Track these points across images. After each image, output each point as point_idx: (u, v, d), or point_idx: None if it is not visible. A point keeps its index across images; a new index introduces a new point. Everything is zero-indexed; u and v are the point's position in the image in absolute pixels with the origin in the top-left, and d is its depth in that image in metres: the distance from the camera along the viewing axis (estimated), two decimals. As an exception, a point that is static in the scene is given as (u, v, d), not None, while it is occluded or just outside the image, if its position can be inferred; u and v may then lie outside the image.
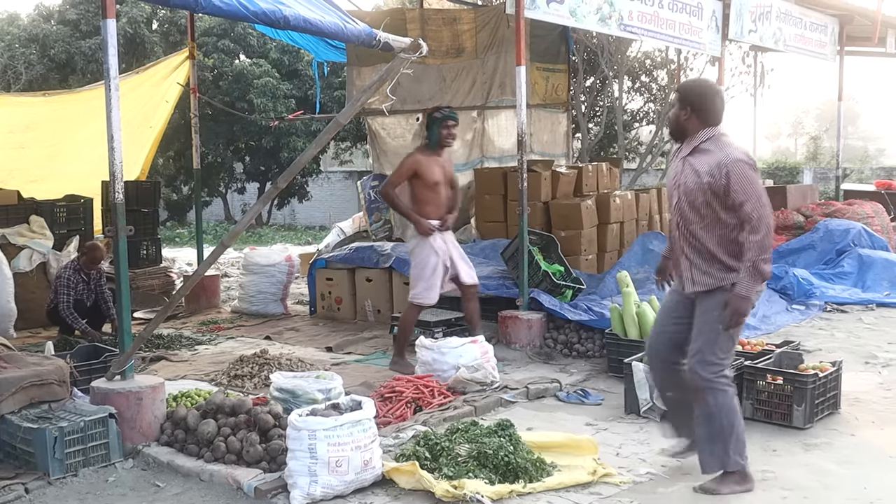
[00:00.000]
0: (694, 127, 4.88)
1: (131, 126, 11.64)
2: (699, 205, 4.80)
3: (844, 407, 6.32)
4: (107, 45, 5.24)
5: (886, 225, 13.40)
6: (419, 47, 5.28)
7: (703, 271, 4.87)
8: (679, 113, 4.94)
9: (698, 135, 4.86)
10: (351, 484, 4.82)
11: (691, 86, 5.05)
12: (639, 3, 9.55)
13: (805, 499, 4.80)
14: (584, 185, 11.13)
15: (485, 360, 6.89)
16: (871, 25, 13.98)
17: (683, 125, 4.93)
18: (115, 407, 5.43)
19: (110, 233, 5.54)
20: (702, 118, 4.86)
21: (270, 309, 10.89)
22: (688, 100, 4.90)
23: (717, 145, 4.80)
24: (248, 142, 27.56)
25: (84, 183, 11.87)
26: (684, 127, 4.93)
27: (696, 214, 4.83)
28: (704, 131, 4.85)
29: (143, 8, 24.41)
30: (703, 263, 4.86)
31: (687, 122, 4.90)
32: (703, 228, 4.83)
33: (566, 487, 4.91)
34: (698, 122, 4.87)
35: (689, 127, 4.90)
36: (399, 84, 5.50)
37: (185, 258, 16.87)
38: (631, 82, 24.20)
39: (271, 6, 5.10)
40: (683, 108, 4.91)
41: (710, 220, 4.80)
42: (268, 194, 6.11)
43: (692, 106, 4.87)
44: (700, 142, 4.85)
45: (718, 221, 4.79)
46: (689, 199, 4.84)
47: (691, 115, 4.88)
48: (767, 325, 9.20)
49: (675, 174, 4.99)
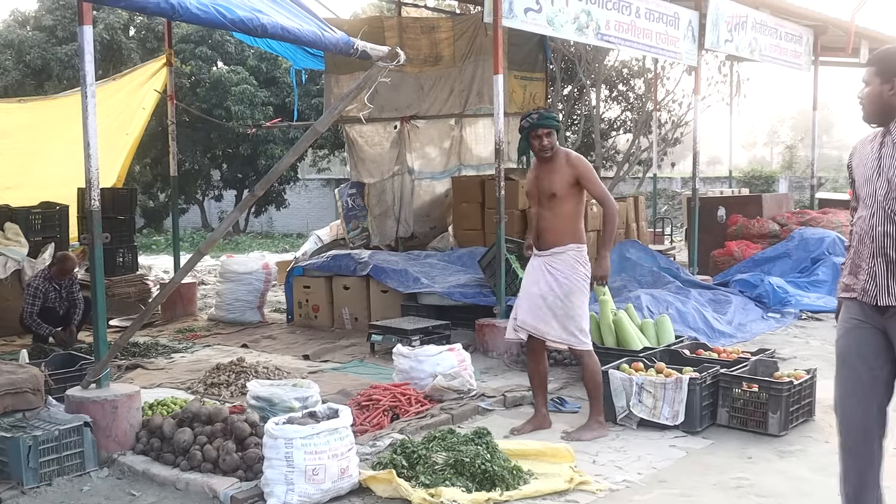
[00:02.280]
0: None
1: (108, 133, 11.57)
2: None
3: (819, 414, 6.36)
4: (83, 51, 5.22)
5: (860, 234, 13.49)
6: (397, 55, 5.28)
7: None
8: (882, 89, 3.90)
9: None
10: (328, 492, 4.80)
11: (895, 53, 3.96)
12: (616, 13, 9.61)
13: (780, 506, 4.84)
14: (561, 194, 11.14)
15: (462, 367, 6.89)
16: (844, 36, 14.14)
17: (890, 102, 3.89)
18: (90, 415, 5.39)
19: (86, 240, 5.51)
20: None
21: (247, 317, 10.86)
22: (893, 69, 3.89)
23: None
24: (225, 149, 27.47)
25: (60, 190, 11.80)
26: (891, 104, 3.89)
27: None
28: None
29: (121, 14, 24.29)
30: None
31: (894, 97, 3.87)
32: None
33: (543, 495, 4.92)
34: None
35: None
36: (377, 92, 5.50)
37: (161, 266, 16.78)
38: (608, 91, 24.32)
39: (249, 14, 5.08)
40: (888, 81, 3.88)
41: None
42: (245, 202, 6.10)
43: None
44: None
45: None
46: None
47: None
48: (743, 333, 9.27)
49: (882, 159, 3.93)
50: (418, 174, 13.02)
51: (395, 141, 12.92)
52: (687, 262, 12.32)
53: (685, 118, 22.81)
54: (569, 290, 6.04)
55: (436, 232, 12.85)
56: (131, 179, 21.63)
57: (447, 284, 9.36)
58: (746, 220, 12.99)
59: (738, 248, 12.37)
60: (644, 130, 22.88)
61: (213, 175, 29.43)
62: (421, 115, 12.88)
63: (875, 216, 3.90)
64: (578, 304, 6.07)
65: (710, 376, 6.13)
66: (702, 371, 6.21)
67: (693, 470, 5.38)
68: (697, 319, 9.09)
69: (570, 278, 6.05)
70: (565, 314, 6.06)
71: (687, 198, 14.97)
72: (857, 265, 4.00)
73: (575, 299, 6.04)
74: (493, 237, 8.74)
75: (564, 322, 6.06)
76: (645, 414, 6.11)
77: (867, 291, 3.91)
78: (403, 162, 12.90)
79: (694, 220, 12.00)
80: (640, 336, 7.44)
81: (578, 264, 6.06)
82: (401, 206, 12.91)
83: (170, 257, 15.47)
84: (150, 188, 27.75)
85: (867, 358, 3.96)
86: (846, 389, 4.06)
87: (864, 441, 4.00)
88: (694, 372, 6.19)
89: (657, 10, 10.31)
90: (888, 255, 3.84)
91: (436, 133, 13.27)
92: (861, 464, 4.01)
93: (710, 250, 12.60)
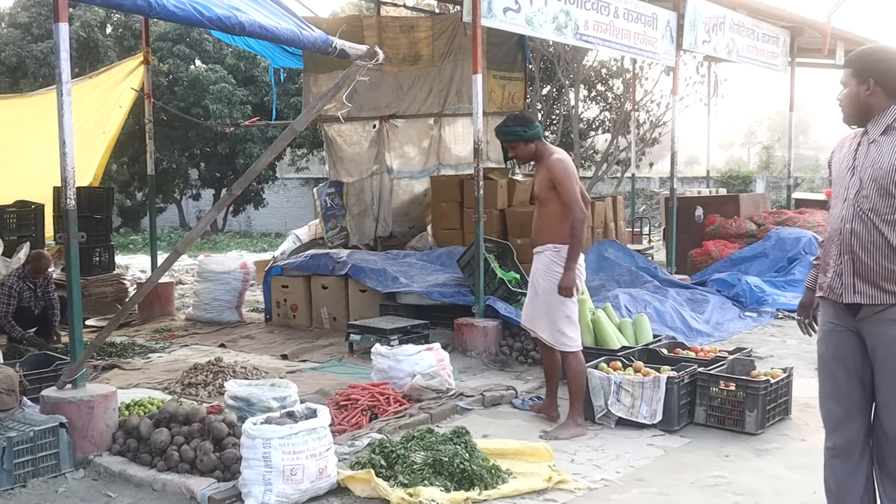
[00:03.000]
0: (881, 103, 3.94)
1: (84, 131, 11.49)
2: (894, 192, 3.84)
3: (795, 412, 6.41)
4: (59, 48, 5.18)
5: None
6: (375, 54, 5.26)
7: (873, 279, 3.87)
8: (859, 90, 3.96)
9: (889, 111, 3.92)
10: (306, 492, 4.79)
11: (871, 54, 4.02)
12: (595, 13, 9.63)
13: (757, 503, 4.87)
14: (540, 193, 11.17)
15: (441, 367, 6.89)
16: (821, 37, 14.24)
17: (867, 102, 3.96)
18: (65, 416, 5.34)
19: (62, 239, 5.46)
20: (889, 90, 3.93)
21: (225, 316, 10.81)
22: (868, 71, 3.94)
23: None
24: (203, 148, 27.33)
25: (35, 189, 11.69)
26: (868, 105, 3.96)
27: (888, 203, 3.85)
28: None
29: (97, 12, 24.11)
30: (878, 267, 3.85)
31: (871, 97, 3.94)
32: (892, 223, 3.85)
33: (521, 494, 4.93)
34: (885, 95, 3.93)
35: (875, 103, 3.94)
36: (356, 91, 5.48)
37: (138, 265, 16.69)
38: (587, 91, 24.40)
39: (226, 12, 5.06)
40: (864, 82, 3.94)
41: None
42: (223, 201, 6.07)
43: (876, 78, 3.92)
44: (894, 118, 3.92)
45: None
46: (879, 185, 3.86)
47: (875, 89, 3.93)
48: (720, 332, 9.33)
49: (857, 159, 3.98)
50: (397, 173, 13.00)
51: (373, 140, 12.89)
52: (665, 262, 12.37)
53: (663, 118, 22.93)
54: (546, 290, 6.13)
55: (414, 231, 12.84)
56: (108, 178, 21.49)
57: (426, 284, 9.36)
58: (724, 220, 13.06)
59: (715, 247, 12.44)
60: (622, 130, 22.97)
61: (191, 174, 29.28)
62: (400, 115, 12.86)
63: (844, 214, 3.97)
64: (556, 305, 6.10)
65: (688, 375, 6.16)
66: (679, 370, 6.24)
67: (671, 468, 5.40)
68: (675, 318, 9.13)
69: (546, 278, 6.14)
70: (547, 314, 6.15)
71: (665, 197, 15.03)
72: (826, 262, 4.07)
73: (552, 299, 6.10)
74: (472, 236, 8.73)
75: (547, 321, 6.17)
76: (623, 413, 6.13)
77: (833, 289, 3.98)
78: (382, 161, 12.87)
79: (672, 219, 12.05)
80: (618, 335, 7.46)
81: (554, 264, 6.13)
82: (379, 206, 12.88)
83: (147, 257, 15.41)
84: (128, 187, 27.57)
85: (844, 361, 4.01)
86: (825, 391, 4.14)
87: (845, 442, 4.06)
88: (672, 371, 6.22)
89: (635, 11, 10.35)
90: (855, 253, 3.90)
91: (415, 132, 13.25)
92: (845, 465, 4.08)
93: (687, 250, 12.66)
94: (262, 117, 22.48)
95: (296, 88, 24.27)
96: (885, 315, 3.84)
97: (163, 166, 26.26)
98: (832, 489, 4.15)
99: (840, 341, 4.02)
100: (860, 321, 3.92)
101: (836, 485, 4.12)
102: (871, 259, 3.85)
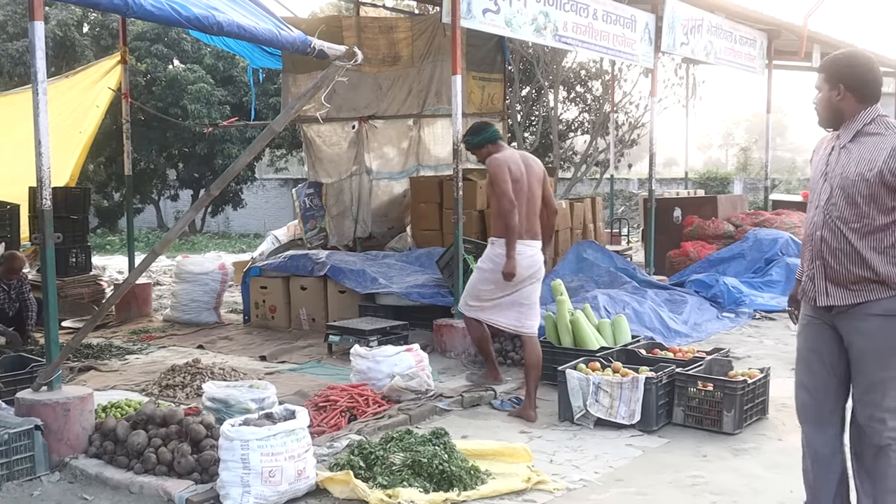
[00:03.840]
0: (851, 108, 4.06)
1: (60, 131, 11.42)
2: (862, 200, 3.94)
3: (772, 412, 6.44)
4: (34, 47, 5.13)
5: (813, 235, 13.70)
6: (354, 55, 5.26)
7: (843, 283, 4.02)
8: (830, 94, 4.09)
9: (859, 116, 4.05)
10: (284, 494, 4.77)
11: (841, 59, 4.14)
12: (574, 15, 9.66)
13: (734, 503, 4.88)
14: (519, 194, 11.18)
15: (420, 368, 6.88)
16: (797, 40, 14.33)
17: (838, 107, 4.09)
18: (41, 418, 5.29)
19: (37, 240, 5.44)
20: (859, 96, 4.04)
21: (203, 317, 10.75)
22: (839, 76, 4.07)
23: (886, 127, 4.01)
24: (181, 148, 27.19)
25: (10, 189, 11.62)
26: (840, 109, 4.09)
27: (854, 212, 3.97)
28: (866, 111, 4.05)
29: (74, 11, 23.92)
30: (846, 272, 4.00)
31: (842, 102, 4.07)
32: (859, 231, 3.97)
33: (500, 495, 4.93)
34: (855, 101, 4.05)
35: (846, 108, 4.07)
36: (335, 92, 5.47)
37: (116, 266, 16.59)
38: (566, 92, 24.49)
39: (204, 11, 5.04)
40: (835, 88, 4.06)
41: (868, 219, 3.95)
42: (201, 201, 6.04)
43: (846, 83, 4.04)
44: (864, 124, 4.03)
45: (874, 222, 3.95)
46: (847, 194, 3.98)
47: (846, 94, 4.05)
48: (698, 333, 9.37)
49: (829, 164, 4.10)
50: (376, 174, 12.97)
51: (352, 141, 12.86)
52: (643, 263, 12.42)
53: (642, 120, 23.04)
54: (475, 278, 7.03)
55: (394, 232, 12.83)
56: (85, 178, 21.35)
57: (405, 285, 9.35)
58: (702, 221, 13.12)
59: (693, 248, 12.50)
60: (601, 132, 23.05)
61: (169, 174, 29.12)
62: (379, 115, 12.84)
63: (816, 220, 4.12)
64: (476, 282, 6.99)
65: (666, 375, 6.19)
66: (658, 370, 6.26)
67: (649, 468, 5.42)
68: (654, 319, 9.16)
69: (479, 265, 7.01)
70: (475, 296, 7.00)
71: (643, 199, 15.07)
72: (802, 264, 4.28)
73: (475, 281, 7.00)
74: (451, 237, 8.73)
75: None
76: (602, 413, 6.15)
77: (807, 292, 4.17)
78: (361, 162, 12.84)
79: (650, 220, 12.09)
80: (596, 336, 7.48)
81: (490, 255, 6.86)
82: (359, 207, 12.85)
83: (124, 257, 15.30)
84: (105, 187, 27.38)
85: (822, 354, 4.13)
86: (800, 381, 4.28)
87: (817, 433, 4.19)
88: (650, 371, 6.24)
89: (614, 13, 10.38)
90: (825, 260, 4.06)
91: (394, 133, 13.23)
92: (819, 458, 4.20)
93: (666, 251, 12.71)
94: (241, 117, 22.38)
95: (275, 89, 24.17)
96: (858, 311, 3.95)
97: (140, 166, 26.11)
98: (809, 481, 4.26)
99: (818, 335, 4.14)
100: (835, 316, 4.04)
101: (812, 476, 4.23)
102: (840, 265, 4.00)
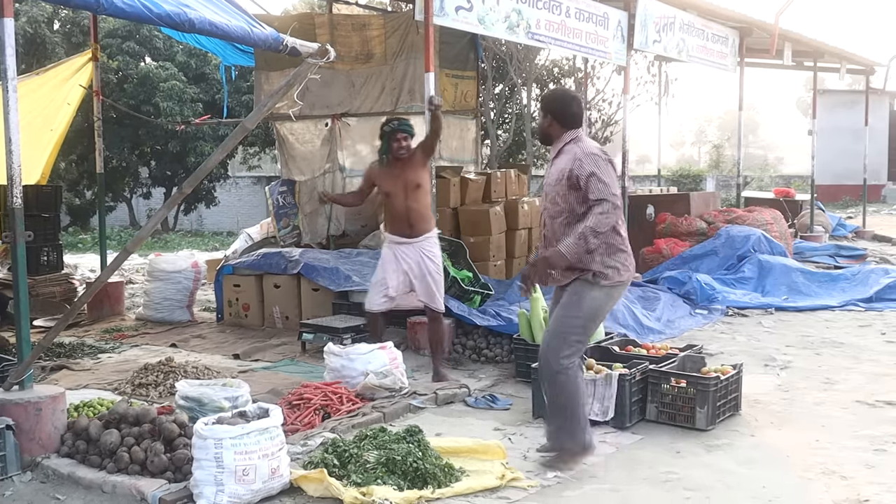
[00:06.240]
0: (557, 132, 5.41)
1: (31, 128, 11.30)
2: (560, 198, 5.25)
3: (745, 408, 6.50)
4: (4, 44, 5.09)
5: (784, 231, 13.85)
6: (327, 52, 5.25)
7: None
8: (542, 122, 5.51)
9: (562, 137, 5.38)
10: (258, 493, 4.77)
11: (549, 96, 5.64)
12: (546, 13, 9.68)
13: (707, 499, 4.92)
14: (492, 192, 11.23)
15: (393, 366, 6.88)
16: (769, 38, 14.43)
17: (547, 131, 5.47)
18: (12, 418, 5.25)
19: (8, 238, 5.38)
20: (561, 122, 5.38)
21: (176, 316, 10.70)
22: (548, 108, 5.45)
23: (577, 144, 5.28)
24: (153, 146, 27.05)
25: (-20, 187, 11.48)
26: (549, 133, 5.47)
27: (557, 208, 5.29)
28: (567, 134, 5.37)
29: (44, 7, 23.74)
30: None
31: (550, 128, 5.44)
32: (563, 224, 5.25)
33: (475, 492, 4.94)
34: (560, 126, 5.39)
35: (553, 132, 5.43)
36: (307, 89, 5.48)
37: (87, 264, 16.47)
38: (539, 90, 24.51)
39: (176, 9, 5.01)
40: (545, 117, 5.45)
41: (567, 213, 5.23)
42: (173, 199, 6.01)
43: (552, 113, 5.40)
44: (564, 143, 5.35)
45: (574, 214, 5.20)
46: (550, 197, 5.34)
47: (553, 122, 5.40)
48: (672, 330, 9.42)
49: (546, 175, 5.50)
50: (350, 172, 12.94)
51: (326, 138, 12.84)
52: (617, 260, 12.44)
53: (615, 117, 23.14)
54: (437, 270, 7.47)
55: (367, 230, 12.79)
56: (56, 176, 21.20)
57: (379, 282, 9.32)
58: (675, 219, 13.18)
59: (666, 245, 12.55)
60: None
61: (142, 172, 28.93)
62: (352, 113, 12.82)
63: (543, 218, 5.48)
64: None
65: (640, 372, 6.22)
66: (631, 367, 6.30)
67: (623, 465, 5.45)
68: (627, 316, 9.20)
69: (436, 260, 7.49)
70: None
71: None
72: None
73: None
74: (425, 235, 8.71)
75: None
76: (575, 410, 6.16)
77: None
78: (335, 159, 12.82)
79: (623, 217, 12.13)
80: (570, 333, 7.48)
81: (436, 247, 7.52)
82: (332, 204, 12.83)
83: (96, 256, 15.18)
84: (77, 185, 27.19)
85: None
86: None
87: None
88: (623, 368, 6.27)
89: (587, 10, 10.41)
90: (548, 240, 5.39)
91: (367, 131, 13.19)
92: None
93: (639, 248, 12.74)
94: (214, 115, 22.28)
95: (247, 86, 24.10)
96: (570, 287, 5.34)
97: (112, 164, 25.93)
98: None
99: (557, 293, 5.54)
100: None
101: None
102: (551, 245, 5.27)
